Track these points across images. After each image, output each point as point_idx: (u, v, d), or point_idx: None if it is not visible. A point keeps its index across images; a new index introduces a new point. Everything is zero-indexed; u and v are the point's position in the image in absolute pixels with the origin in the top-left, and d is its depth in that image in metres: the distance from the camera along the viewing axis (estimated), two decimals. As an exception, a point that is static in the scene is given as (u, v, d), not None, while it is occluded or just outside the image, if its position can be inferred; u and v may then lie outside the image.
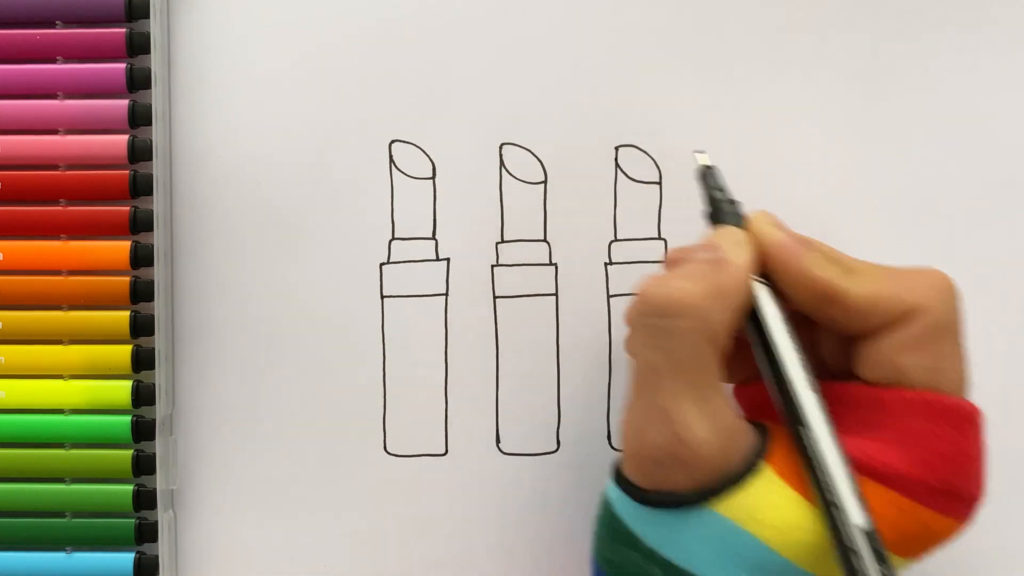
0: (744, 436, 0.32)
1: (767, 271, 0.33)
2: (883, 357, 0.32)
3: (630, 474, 0.33)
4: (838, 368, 0.34)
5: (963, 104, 0.40)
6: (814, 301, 0.32)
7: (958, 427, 0.32)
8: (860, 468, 0.31)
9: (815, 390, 0.31)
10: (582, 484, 0.40)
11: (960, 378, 0.32)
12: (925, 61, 0.40)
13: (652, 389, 0.31)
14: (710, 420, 0.31)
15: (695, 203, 0.40)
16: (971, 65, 0.40)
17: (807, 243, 0.33)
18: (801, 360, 0.32)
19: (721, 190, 0.34)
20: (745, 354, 0.33)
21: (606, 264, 0.40)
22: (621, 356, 0.40)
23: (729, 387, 0.35)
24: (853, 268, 0.32)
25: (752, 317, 0.32)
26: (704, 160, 0.35)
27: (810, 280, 0.32)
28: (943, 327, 0.32)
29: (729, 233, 0.33)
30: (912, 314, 0.31)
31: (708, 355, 0.31)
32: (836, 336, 0.33)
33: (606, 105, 0.40)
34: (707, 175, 0.35)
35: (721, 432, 0.31)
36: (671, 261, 0.33)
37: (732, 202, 0.34)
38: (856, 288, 0.32)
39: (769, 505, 0.31)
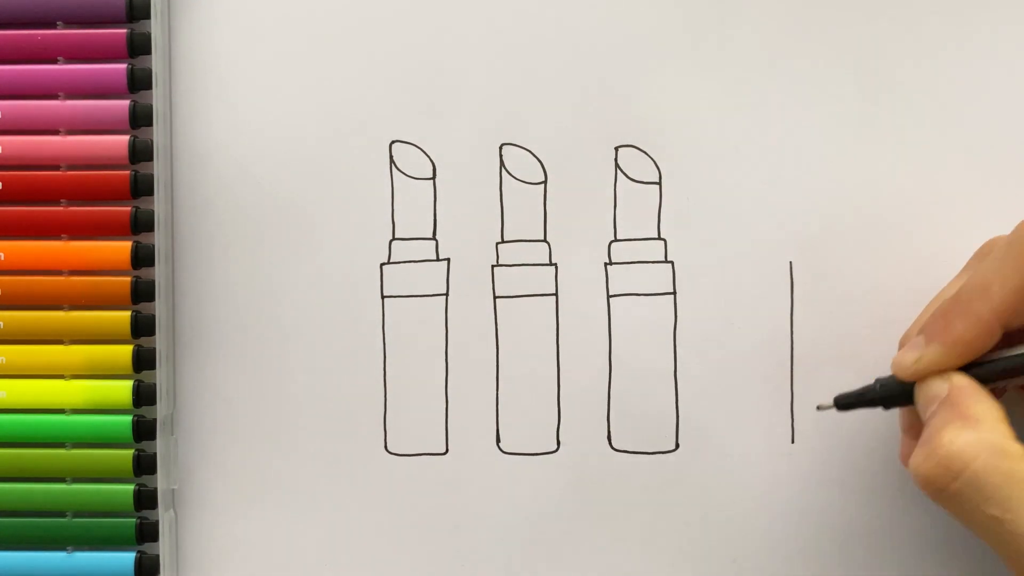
0: None
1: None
2: None
3: None
4: None
5: (964, 103, 0.40)
6: (1000, 322, 0.32)
7: None
8: None
9: None
10: (582, 484, 0.40)
11: None
12: (926, 61, 0.40)
13: (1006, 539, 0.29)
14: None
15: (695, 203, 0.40)
16: (972, 64, 0.40)
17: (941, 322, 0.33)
18: None
19: (862, 390, 0.36)
20: None
21: (606, 264, 0.40)
22: (621, 356, 0.40)
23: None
24: (985, 254, 0.32)
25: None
26: (827, 404, 0.36)
27: (982, 322, 0.32)
28: None
29: (933, 385, 0.33)
30: None
31: (1016, 471, 0.29)
32: None
33: (606, 105, 0.40)
34: (843, 401, 0.36)
35: None
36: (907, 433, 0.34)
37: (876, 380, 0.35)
38: (995, 266, 0.32)
39: None
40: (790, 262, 0.40)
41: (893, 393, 0.34)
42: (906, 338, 0.36)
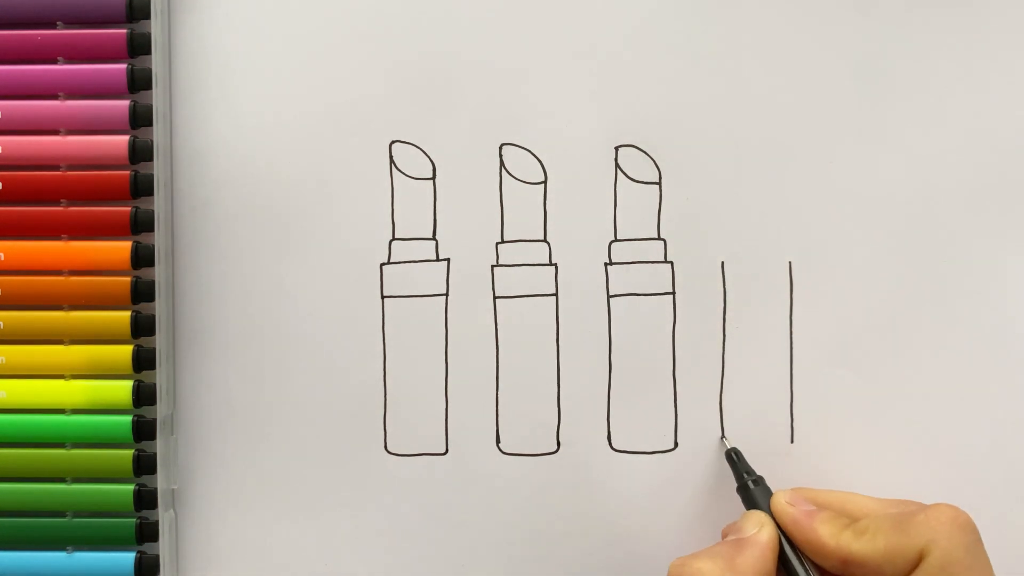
0: None
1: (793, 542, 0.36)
2: None
3: None
4: None
5: (963, 104, 0.40)
6: (837, 566, 0.35)
7: None
8: None
9: None
10: (582, 484, 0.40)
11: None
12: (926, 61, 0.40)
13: None
14: None
15: (694, 203, 0.40)
16: (971, 65, 0.40)
17: (817, 514, 0.35)
18: None
19: (748, 472, 0.38)
20: None
21: (606, 264, 0.40)
22: (621, 356, 0.40)
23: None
24: (865, 527, 0.34)
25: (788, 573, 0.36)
26: (728, 443, 0.39)
27: (825, 550, 0.35)
28: (953, 563, 0.33)
29: (753, 517, 0.36)
30: (920, 556, 0.33)
31: None
32: None
33: (606, 105, 0.40)
34: (735, 458, 0.39)
35: None
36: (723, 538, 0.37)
37: (756, 481, 0.38)
38: (867, 548, 0.34)
39: None
40: (790, 262, 0.40)
41: (749, 493, 0.38)
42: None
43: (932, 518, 0.33)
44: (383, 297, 0.40)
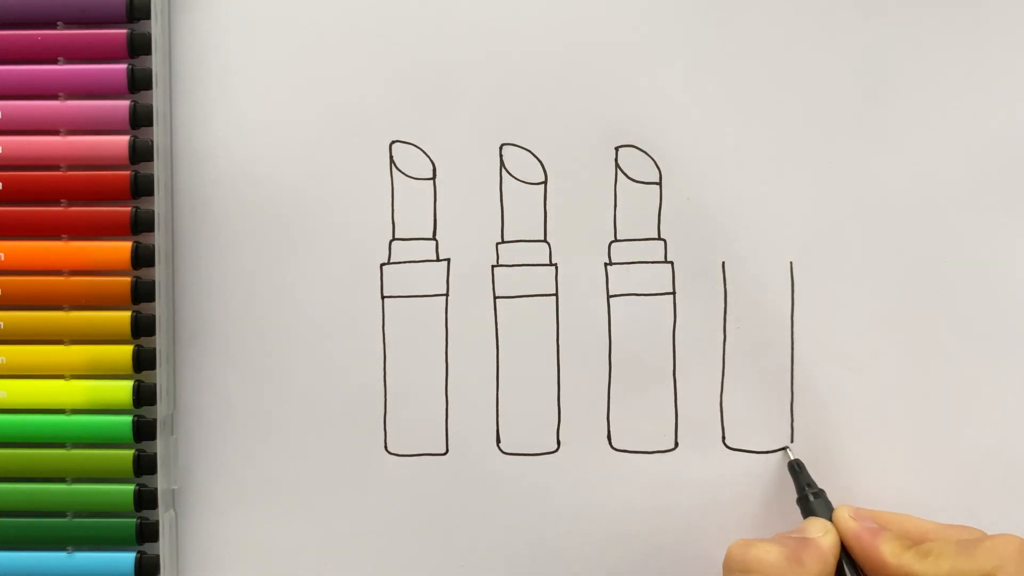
0: None
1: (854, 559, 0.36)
2: None
3: None
4: None
5: (964, 104, 0.40)
6: None
7: None
8: None
9: None
10: (582, 484, 0.40)
11: None
12: (926, 61, 0.40)
13: None
14: None
15: (694, 203, 0.40)
16: (972, 65, 0.40)
17: (880, 532, 0.35)
18: None
19: (809, 485, 0.38)
20: None
21: (606, 264, 0.40)
22: (621, 356, 0.40)
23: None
24: (928, 550, 0.34)
25: None
26: (792, 455, 0.39)
27: (886, 569, 0.34)
28: None
29: (819, 523, 0.36)
30: None
31: None
32: None
33: (606, 105, 0.40)
34: (797, 470, 0.39)
35: None
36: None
37: (818, 494, 0.38)
38: (930, 570, 0.34)
39: None
40: (790, 262, 0.40)
41: (809, 505, 0.37)
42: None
43: (1000, 545, 0.34)
44: (383, 297, 0.40)
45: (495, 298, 0.40)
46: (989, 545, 0.34)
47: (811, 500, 0.37)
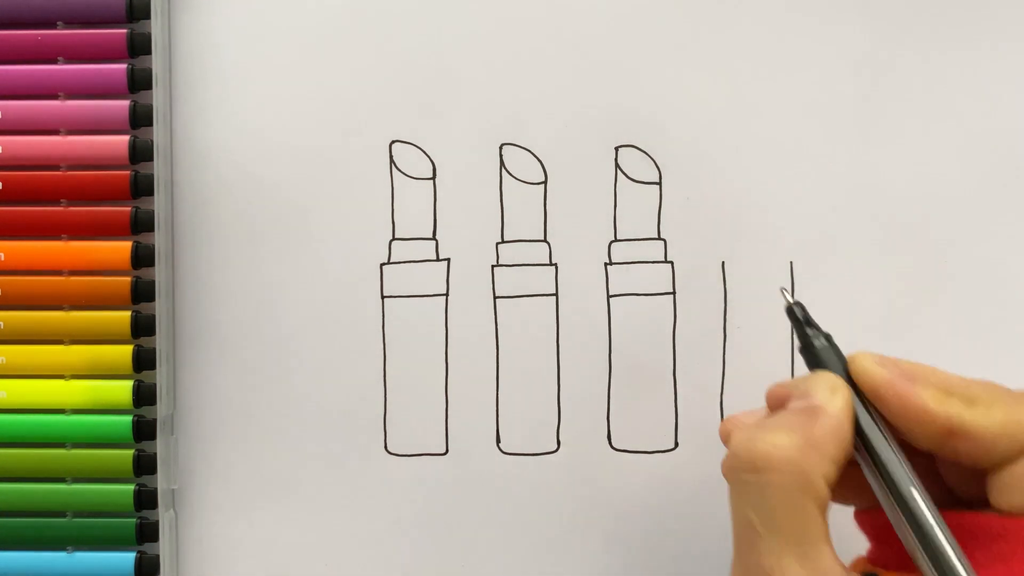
0: None
1: (880, 410, 0.30)
2: (1015, 483, 0.29)
3: None
4: (968, 496, 0.31)
5: (964, 103, 0.40)
6: (937, 438, 0.29)
7: None
8: None
9: (941, 526, 0.28)
10: (582, 484, 0.40)
11: None
12: (926, 60, 0.40)
13: (752, 549, 0.29)
14: None
15: (694, 203, 0.40)
16: (972, 64, 0.40)
17: (917, 377, 0.30)
18: (922, 495, 0.29)
19: (813, 327, 0.32)
20: (863, 479, 0.31)
21: (606, 264, 0.40)
22: (621, 356, 0.40)
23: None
24: (974, 397, 0.29)
25: (866, 448, 0.30)
26: (790, 297, 0.33)
27: (930, 418, 0.29)
28: None
29: (823, 379, 0.30)
30: None
31: (807, 510, 0.28)
32: (964, 465, 0.30)
33: (606, 105, 0.40)
34: (796, 312, 0.33)
35: None
36: (770, 402, 0.32)
37: (827, 338, 0.32)
38: (984, 420, 0.29)
39: None
40: (790, 262, 0.40)
41: (815, 352, 0.32)
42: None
43: None
44: (383, 297, 0.40)
45: (495, 298, 0.40)
46: None
47: (817, 349, 0.31)
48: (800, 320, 0.32)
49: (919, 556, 0.28)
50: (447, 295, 0.40)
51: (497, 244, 0.40)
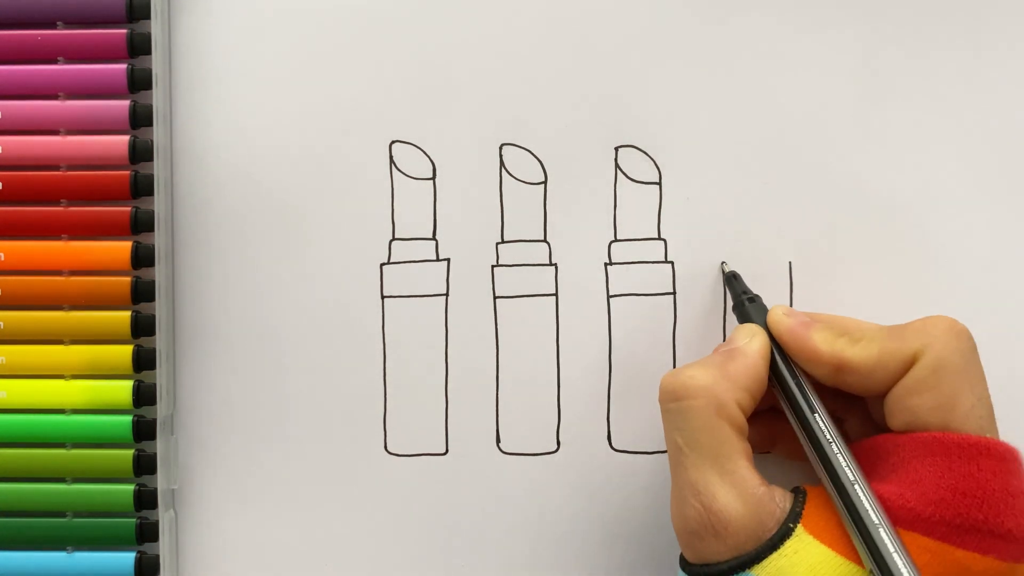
0: (776, 501, 0.33)
1: (787, 352, 0.36)
2: (896, 404, 0.33)
3: (683, 553, 0.35)
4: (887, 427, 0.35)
5: (964, 104, 0.40)
6: (830, 373, 0.34)
7: (974, 462, 0.32)
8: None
9: (841, 449, 0.33)
10: (582, 484, 0.40)
11: (977, 415, 0.33)
12: (926, 61, 0.40)
13: (680, 467, 0.34)
14: (735, 489, 0.33)
15: (694, 203, 0.40)
16: (972, 64, 0.40)
17: (813, 324, 0.35)
18: (824, 419, 0.34)
19: (745, 292, 0.38)
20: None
21: (606, 264, 0.40)
22: (621, 356, 0.40)
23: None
24: (860, 336, 0.34)
25: (780, 385, 0.36)
26: (728, 268, 0.39)
27: (819, 356, 0.34)
28: (947, 366, 0.32)
29: (746, 328, 0.36)
30: (914, 359, 0.33)
31: (723, 429, 0.33)
32: (877, 399, 0.35)
33: (606, 105, 0.40)
34: (733, 280, 0.39)
35: (748, 500, 0.33)
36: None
37: (753, 299, 0.37)
38: (862, 353, 0.34)
39: (805, 566, 0.32)
40: (790, 262, 0.40)
41: (744, 310, 0.37)
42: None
43: (928, 324, 0.33)
44: (383, 297, 0.40)
45: (495, 298, 0.40)
46: (919, 326, 0.33)
47: (746, 305, 0.37)
48: (734, 284, 0.38)
49: (819, 470, 0.34)
50: (447, 295, 0.40)
51: (497, 244, 0.40)
